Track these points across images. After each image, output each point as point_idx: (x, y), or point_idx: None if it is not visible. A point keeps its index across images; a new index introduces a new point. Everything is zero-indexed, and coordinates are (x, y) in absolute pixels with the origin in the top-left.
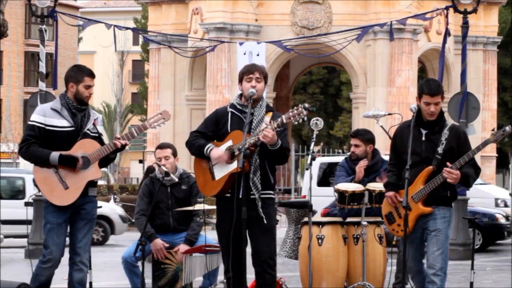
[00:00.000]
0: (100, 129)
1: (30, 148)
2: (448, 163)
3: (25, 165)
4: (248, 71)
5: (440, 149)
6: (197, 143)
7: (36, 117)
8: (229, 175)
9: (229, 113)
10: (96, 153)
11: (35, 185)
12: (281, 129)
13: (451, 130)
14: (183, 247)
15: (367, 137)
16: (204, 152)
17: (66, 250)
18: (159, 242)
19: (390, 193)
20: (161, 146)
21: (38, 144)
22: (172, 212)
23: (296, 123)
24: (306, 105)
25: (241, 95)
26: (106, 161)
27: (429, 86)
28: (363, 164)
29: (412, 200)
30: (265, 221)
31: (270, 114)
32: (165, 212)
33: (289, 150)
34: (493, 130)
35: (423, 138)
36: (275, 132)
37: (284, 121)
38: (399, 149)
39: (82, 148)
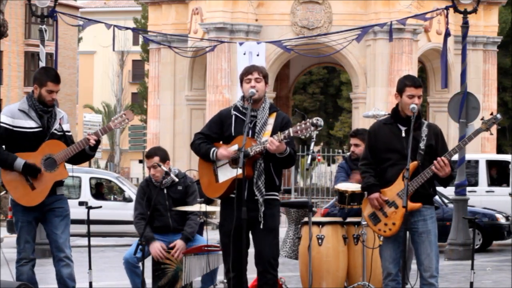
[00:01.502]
0: (66, 127)
1: None
2: (439, 158)
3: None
4: (247, 72)
5: (422, 145)
6: (203, 149)
7: (4, 118)
8: (232, 180)
9: (233, 116)
10: (62, 154)
11: (2, 185)
12: (288, 140)
13: (429, 127)
14: (179, 244)
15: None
16: (210, 157)
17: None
18: (157, 244)
19: (376, 195)
20: (148, 155)
21: (1, 145)
22: (171, 213)
23: (303, 137)
24: (315, 121)
25: (243, 97)
26: (83, 157)
27: (412, 79)
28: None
29: (399, 198)
30: (262, 225)
31: (274, 114)
32: (163, 214)
33: (296, 152)
34: (482, 118)
35: (403, 135)
36: (282, 143)
37: (291, 134)
38: (376, 148)
39: (47, 149)
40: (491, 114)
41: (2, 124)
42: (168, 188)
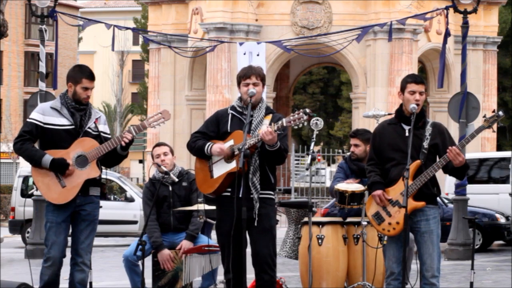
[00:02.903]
0: (102, 127)
1: (24, 145)
2: (451, 147)
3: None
4: (245, 76)
5: (425, 144)
6: (197, 145)
7: (35, 115)
8: (226, 174)
9: (230, 115)
10: (94, 152)
11: (33, 183)
12: (281, 132)
13: (434, 126)
14: (186, 243)
15: (366, 136)
16: (205, 152)
17: (68, 250)
18: (166, 253)
19: (378, 192)
20: (159, 144)
21: (32, 141)
22: (173, 211)
23: (296, 127)
24: (307, 110)
25: (240, 98)
26: (116, 158)
27: (413, 76)
28: None
29: (402, 197)
30: (259, 225)
31: (270, 116)
32: (166, 211)
33: (287, 151)
34: (484, 116)
35: (407, 134)
36: (275, 134)
37: (285, 124)
38: (381, 147)
39: (80, 147)
40: (493, 111)
41: (33, 121)
42: (173, 185)
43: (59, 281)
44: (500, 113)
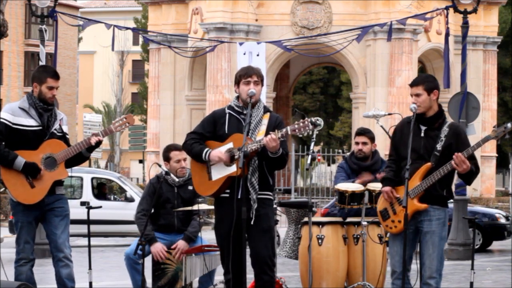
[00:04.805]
0: (65, 128)
1: None
2: (456, 153)
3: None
4: (246, 74)
5: (439, 146)
6: (194, 150)
7: (4, 115)
8: (226, 178)
9: (227, 115)
10: (63, 154)
11: (2, 182)
12: (284, 139)
13: (450, 127)
14: (181, 244)
15: (372, 135)
16: (202, 158)
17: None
18: (159, 245)
19: (387, 188)
20: (179, 148)
21: (2, 141)
22: (177, 213)
23: (301, 136)
24: (313, 119)
25: (238, 97)
26: (79, 160)
27: (414, 79)
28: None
29: (408, 196)
30: (257, 226)
31: (268, 115)
32: (170, 212)
33: (288, 154)
34: (494, 127)
35: (422, 135)
36: (278, 141)
37: (289, 132)
38: (398, 144)
39: (49, 148)
40: (504, 123)
41: (2, 120)
42: (179, 187)
43: (34, 278)
44: (509, 125)
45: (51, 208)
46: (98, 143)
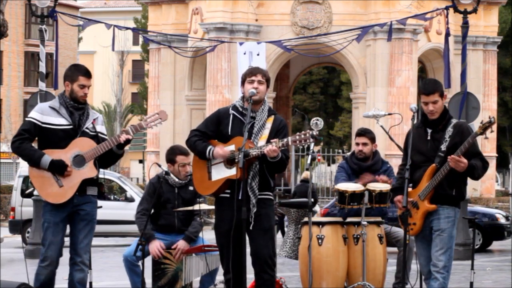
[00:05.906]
0: (100, 128)
1: (23, 145)
2: (449, 156)
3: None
4: (251, 73)
5: (443, 147)
6: (197, 147)
7: (34, 114)
8: (225, 180)
9: (231, 115)
10: (91, 152)
11: (30, 182)
12: (285, 148)
13: (455, 127)
14: (181, 244)
15: (372, 135)
16: (206, 155)
17: (67, 250)
18: (156, 242)
19: (397, 198)
20: (186, 153)
21: (30, 140)
22: (178, 213)
23: (301, 147)
24: (315, 133)
25: (243, 98)
26: (112, 158)
27: (424, 86)
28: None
29: (419, 198)
30: (258, 225)
31: (272, 118)
32: (171, 213)
33: (288, 157)
34: (481, 122)
35: (428, 137)
36: (278, 149)
37: (290, 143)
38: (408, 150)
39: (77, 147)
40: (489, 117)
41: (31, 120)
42: (179, 188)
43: (54, 281)
44: (492, 118)
45: (79, 210)
46: (128, 140)
